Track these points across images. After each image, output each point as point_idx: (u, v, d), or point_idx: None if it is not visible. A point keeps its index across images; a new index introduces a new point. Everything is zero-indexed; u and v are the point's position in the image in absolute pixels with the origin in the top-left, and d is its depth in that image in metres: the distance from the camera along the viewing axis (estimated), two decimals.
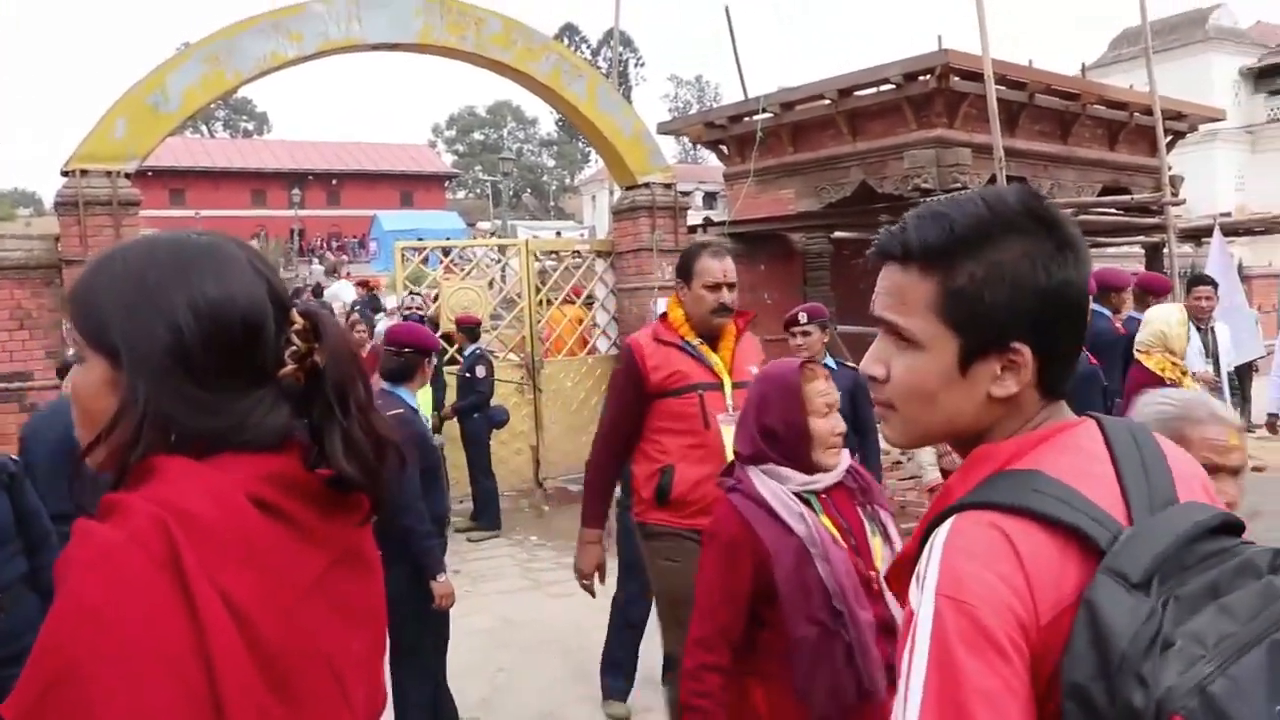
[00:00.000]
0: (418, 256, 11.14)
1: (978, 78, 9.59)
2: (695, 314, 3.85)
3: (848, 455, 2.75)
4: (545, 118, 77.94)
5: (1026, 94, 10.83)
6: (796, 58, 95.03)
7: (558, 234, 28.07)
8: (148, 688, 0.97)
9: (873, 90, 10.77)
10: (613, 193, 11.79)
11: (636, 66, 70.32)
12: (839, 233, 12.52)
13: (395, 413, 4.55)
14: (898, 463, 8.19)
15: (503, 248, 11.90)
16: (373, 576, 1.29)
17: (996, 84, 9.58)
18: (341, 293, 19.05)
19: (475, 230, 38.60)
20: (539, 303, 10.56)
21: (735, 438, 2.81)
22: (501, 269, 12.02)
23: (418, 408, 4.76)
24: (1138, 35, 12.37)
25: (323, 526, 1.17)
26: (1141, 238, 13.25)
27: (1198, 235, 13.36)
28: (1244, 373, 9.96)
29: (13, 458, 3.55)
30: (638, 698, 5.28)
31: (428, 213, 47.71)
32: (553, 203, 72.60)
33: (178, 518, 1.03)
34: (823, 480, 2.65)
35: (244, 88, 9.76)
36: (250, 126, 75.25)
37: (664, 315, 3.98)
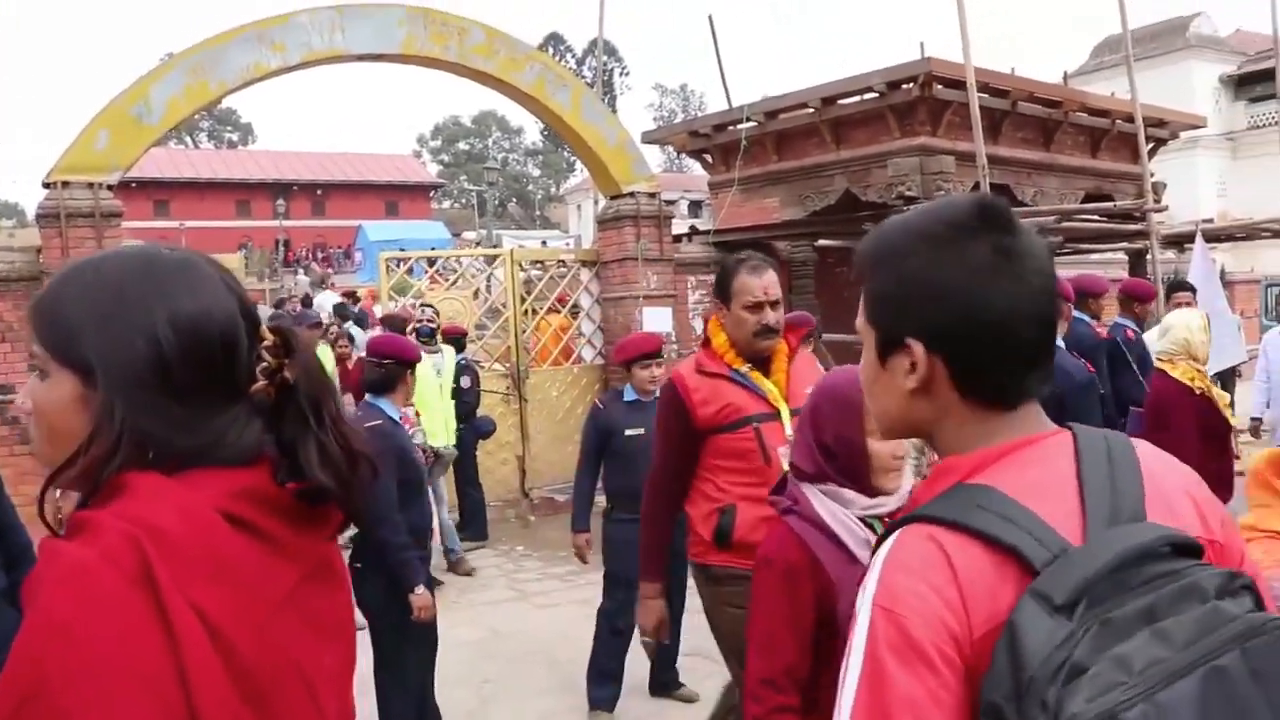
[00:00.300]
0: (402, 267, 11.12)
1: (960, 86, 9.62)
2: (738, 338, 3.50)
3: (910, 477, 2.50)
4: (530, 127, 77.87)
5: (1009, 102, 10.88)
6: (781, 66, 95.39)
7: (543, 243, 28.07)
8: (123, 704, 0.96)
9: (856, 98, 10.79)
10: (598, 202, 11.80)
11: (621, 75, 70.34)
12: (823, 241, 12.55)
13: (373, 424, 4.54)
14: None
15: (488, 258, 11.89)
16: (342, 590, 1.28)
17: (979, 92, 9.61)
18: (328, 303, 19.02)
19: (461, 240, 38.56)
20: (524, 312, 10.55)
21: (793, 452, 2.58)
22: (487, 279, 12.00)
23: (399, 419, 4.72)
24: (1119, 43, 12.44)
25: (294, 541, 1.16)
26: (1125, 244, 13.31)
27: (1180, 241, 13.40)
28: (1227, 378, 10.00)
29: None
30: (626, 708, 5.27)
31: (413, 223, 47.59)
32: (538, 212, 72.51)
33: (150, 534, 1.02)
34: (887, 504, 2.42)
35: (228, 98, 9.75)
36: (235, 137, 75.06)
37: (706, 342, 3.62)
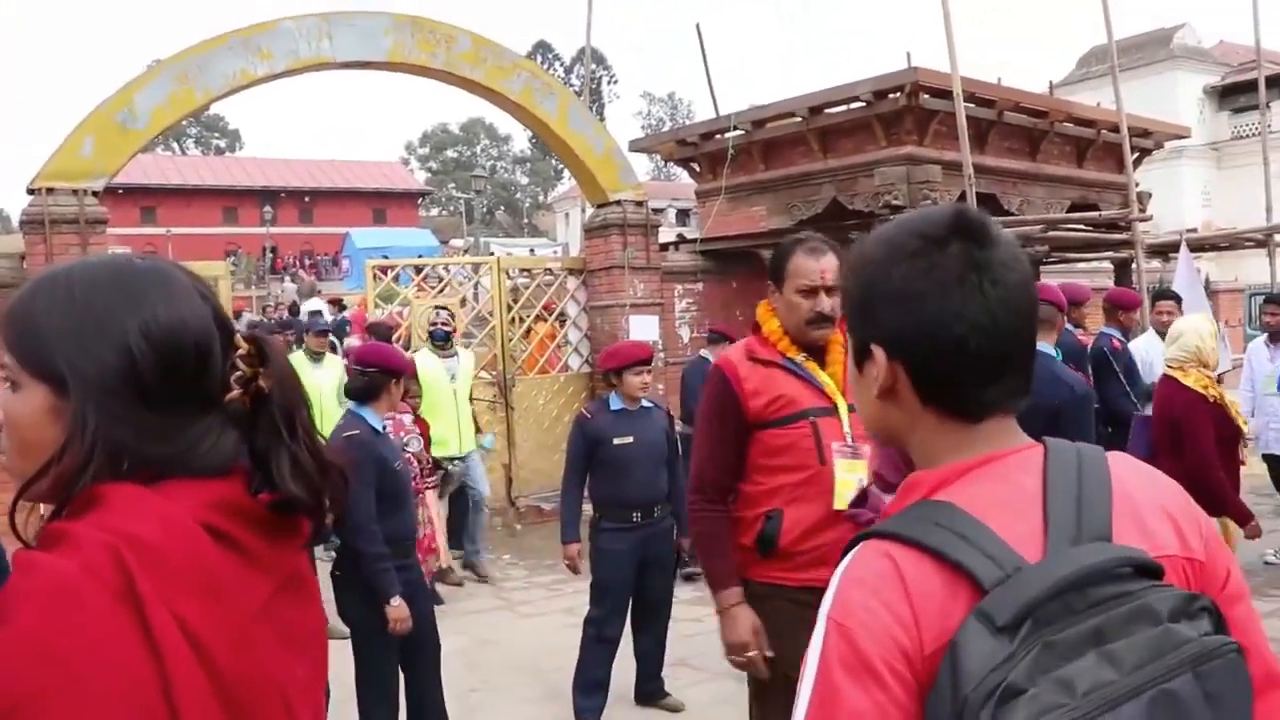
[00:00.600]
0: (389, 274, 11.09)
1: (947, 95, 9.65)
2: (790, 324, 3.20)
3: None
4: (519, 135, 78.00)
5: (995, 111, 10.91)
6: (769, 74, 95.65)
7: (531, 251, 28.10)
8: (106, 718, 0.95)
9: (843, 108, 10.82)
10: (585, 210, 11.79)
11: (610, 84, 70.53)
12: None
13: (351, 434, 4.53)
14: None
15: (475, 265, 11.88)
16: (314, 601, 1.27)
17: (966, 101, 9.64)
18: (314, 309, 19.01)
19: (448, 248, 38.51)
20: (511, 320, 10.53)
21: (879, 460, 2.35)
22: (474, 287, 11.97)
23: (381, 428, 4.69)
24: (1104, 53, 12.50)
25: (267, 552, 1.15)
26: (1110, 253, 13.34)
27: (1165, 251, 13.47)
28: None
29: None
30: (612, 717, 5.26)
31: (400, 230, 47.63)
32: (526, 220, 72.57)
33: (130, 545, 1.00)
34: None
35: (215, 105, 9.71)
36: (222, 144, 74.97)
37: (756, 327, 3.31)
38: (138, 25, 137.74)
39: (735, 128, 11.70)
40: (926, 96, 9.98)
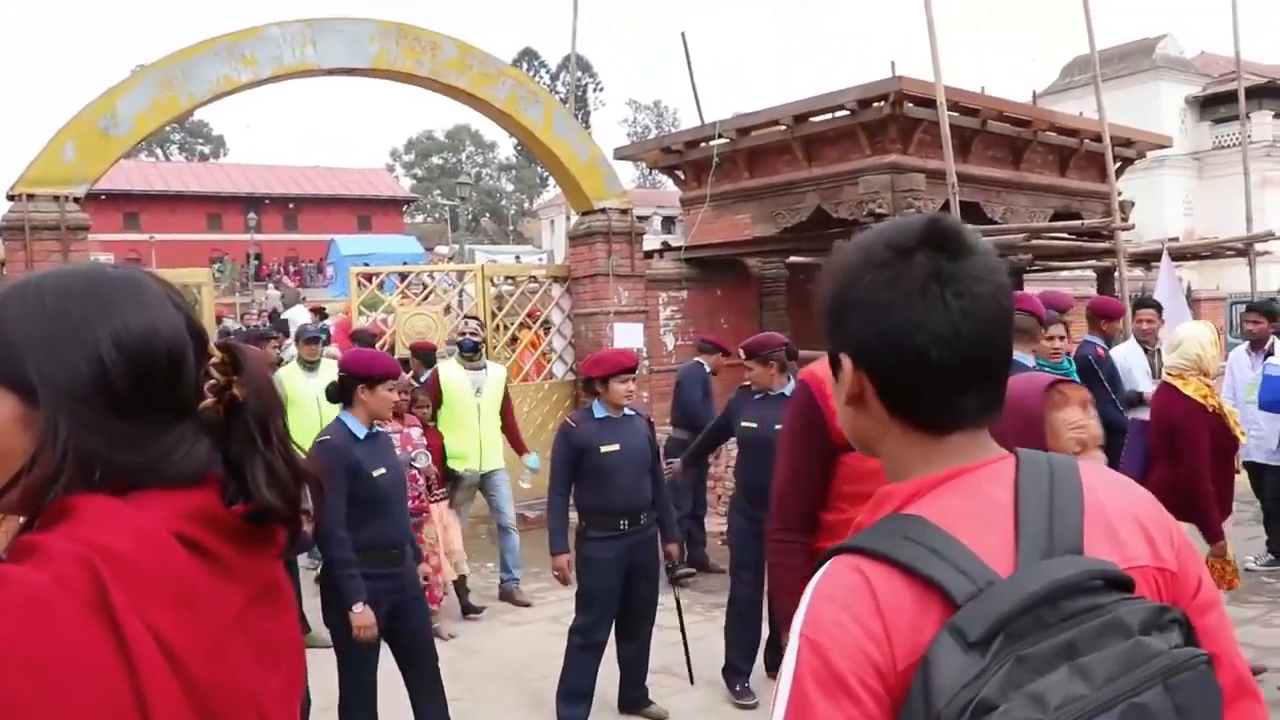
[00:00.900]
0: (374, 282, 11.07)
1: (931, 104, 9.68)
2: None
3: None
4: (504, 142, 77.84)
5: (979, 120, 10.97)
6: (754, 82, 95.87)
7: (517, 259, 28.06)
8: None
9: (828, 116, 10.85)
10: (570, 218, 11.80)
11: (596, 91, 70.57)
12: (795, 258, 12.60)
13: (322, 439, 4.58)
14: None
15: (459, 273, 11.87)
16: (289, 610, 1.26)
17: (949, 110, 9.68)
18: (298, 318, 18.91)
19: (433, 255, 38.42)
20: (495, 328, 10.52)
21: None
22: (459, 294, 11.97)
23: (362, 435, 4.66)
24: (1087, 63, 12.57)
25: (241, 562, 1.14)
26: (1093, 262, 13.43)
27: (1147, 259, 13.52)
28: None
29: None
30: None
31: (386, 237, 47.47)
32: (511, 227, 72.57)
33: (103, 556, 0.99)
34: None
35: (199, 111, 9.68)
36: (206, 150, 74.71)
37: None
38: (122, 31, 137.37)
39: (720, 136, 11.73)
40: (911, 105, 10.03)
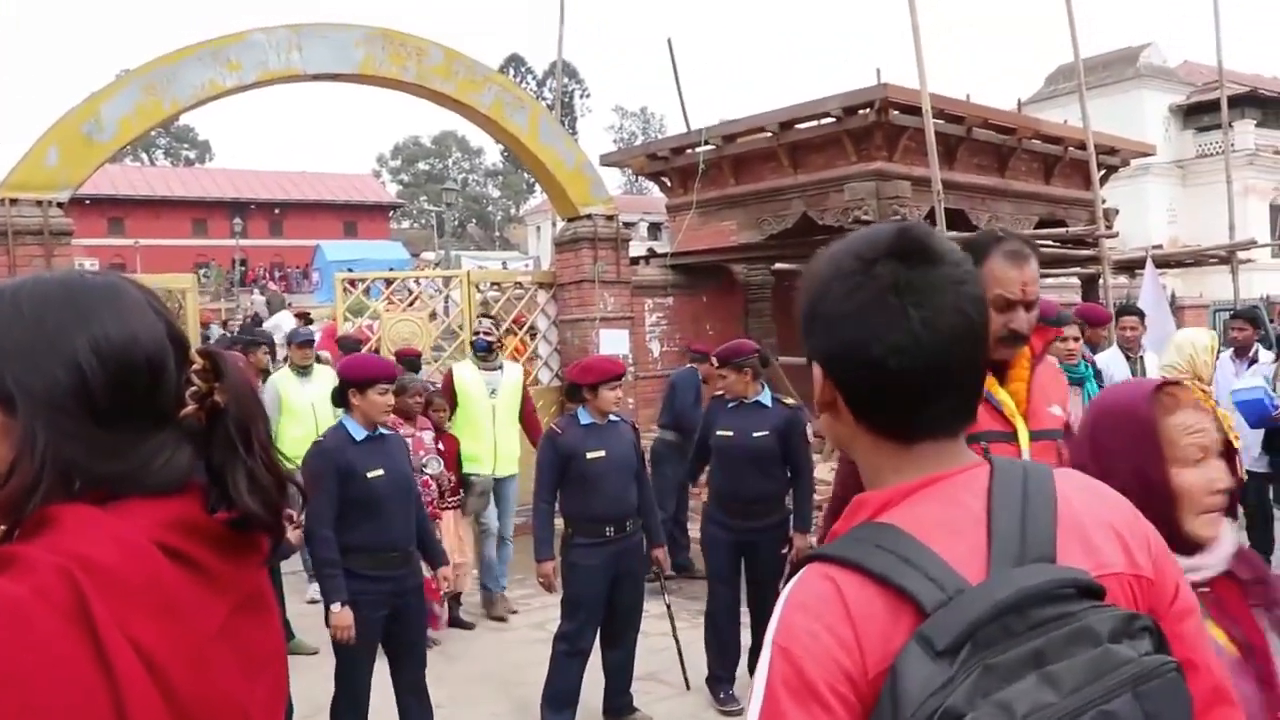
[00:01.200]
0: (359, 287, 11.04)
1: (916, 111, 9.72)
2: None
3: (1230, 528, 1.83)
4: (491, 148, 77.71)
5: (964, 128, 11.01)
6: (741, 89, 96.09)
7: (504, 265, 28.01)
8: None
9: (813, 123, 10.88)
10: (556, 224, 11.79)
11: (582, 97, 70.58)
12: (780, 264, 12.59)
13: (317, 440, 4.75)
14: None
15: (445, 279, 11.84)
16: (272, 619, 1.26)
17: (935, 118, 9.72)
18: (282, 323, 18.85)
19: (420, 261, 38.38)
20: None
21: None
22: (444, 300, 11.95)
23: (360, 436, 4.71)
24: (1072, 71, 12.64)
25: (226, 571, 1.14)
26: (1078, 269, 13.47)
27: (1131, 267, 13.61)
28: None
29: None
30: None
31: (371, 243, 47.37)
32: (498, 233, 72.45)
33: (83, 567, 0.99)
34: (1205, 566, 1.75)
35: (184, 115, 9.65)
36: (192, 155, 74.49)
37: None
38: (106, 35, 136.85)
39: (706, 142, 11.75)
40: (896, 113, 10.06)
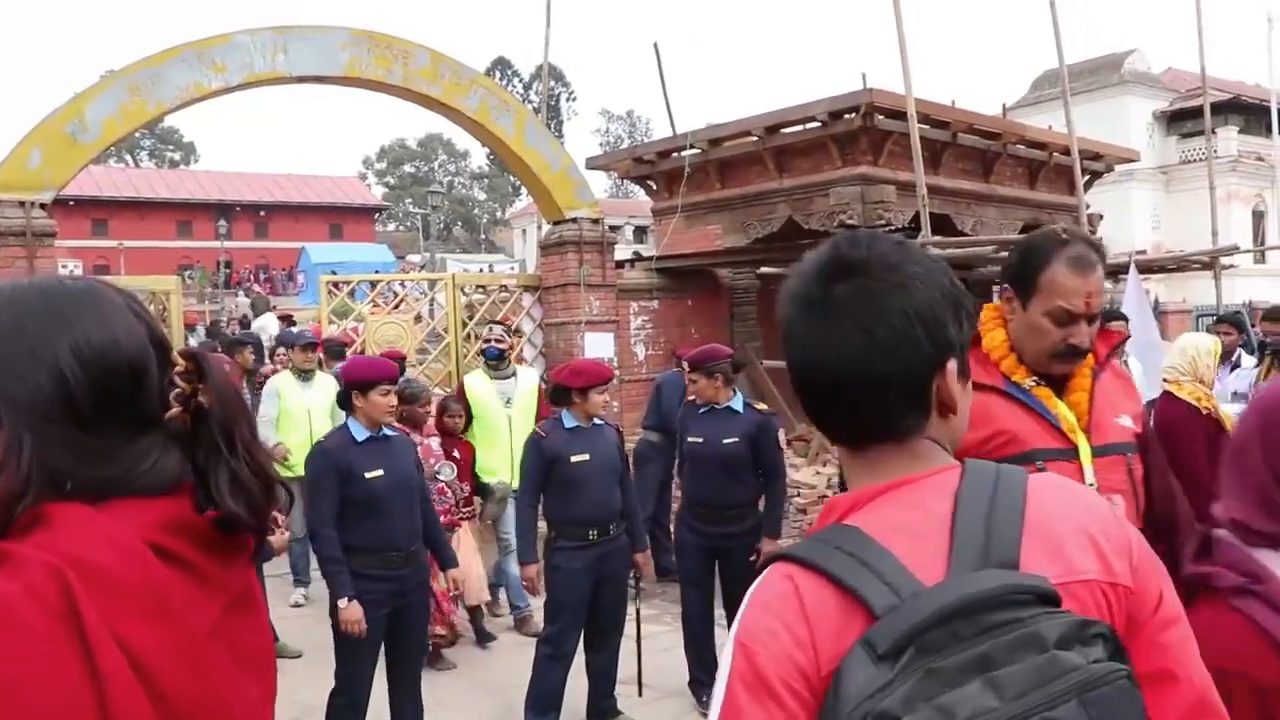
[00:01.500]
0: (344, 290, 11.01)
1: (902, 116, 9.75)
2: (1027, 347, 2.46)
3: None
4: (477, 151, 77.53)
5: (949, 133, 11.04)
6: (726, 93, 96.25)
7: (490, 268, 28.02)
8: None
9: (799, 127, 10.90)
10: (542, 227, 11.78)
11: (569, 101, 70.57)
12: (765, 268, 12.61)
13: (319, 441, 4.90)
14: (824, 497, 8.23)
15: (430, 282, 11.82)
16: (262, 619, 1.26)
17: (920, 123, 9.75)
18: (268, 325, 18.84)
19: (405, 263, 38.33)
20: (465, 337, 10.48)
21: (1223, 502, 1.65)
22: (429, 303, 11.92)
23: (362, 438, 4.76)
24: (1056, 77, 12.71)
25: (216, 571, 1.14)
26: None
27: (1115, 272, 13.63)
28: None
29: None
30: None
31: (357, 245, 47.34)
32: (484, 236, 72.36)
33: (75, 567, 0.99)
34: None
35: (169, 117, 9.61)
36: (176, 156, 74.15)
37: (975, 339, 2.50)
38: (90, 36, 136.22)
39: (692, 146, 11.75)
40: (881, 117, 10.08)
